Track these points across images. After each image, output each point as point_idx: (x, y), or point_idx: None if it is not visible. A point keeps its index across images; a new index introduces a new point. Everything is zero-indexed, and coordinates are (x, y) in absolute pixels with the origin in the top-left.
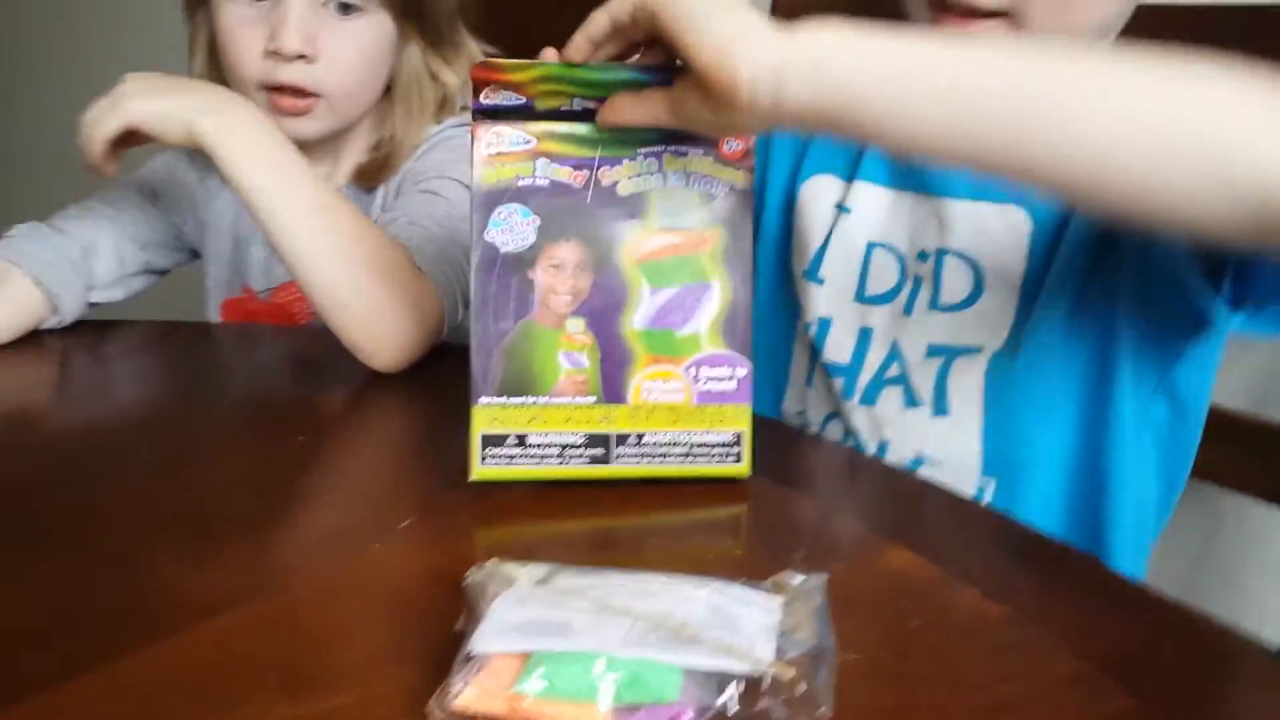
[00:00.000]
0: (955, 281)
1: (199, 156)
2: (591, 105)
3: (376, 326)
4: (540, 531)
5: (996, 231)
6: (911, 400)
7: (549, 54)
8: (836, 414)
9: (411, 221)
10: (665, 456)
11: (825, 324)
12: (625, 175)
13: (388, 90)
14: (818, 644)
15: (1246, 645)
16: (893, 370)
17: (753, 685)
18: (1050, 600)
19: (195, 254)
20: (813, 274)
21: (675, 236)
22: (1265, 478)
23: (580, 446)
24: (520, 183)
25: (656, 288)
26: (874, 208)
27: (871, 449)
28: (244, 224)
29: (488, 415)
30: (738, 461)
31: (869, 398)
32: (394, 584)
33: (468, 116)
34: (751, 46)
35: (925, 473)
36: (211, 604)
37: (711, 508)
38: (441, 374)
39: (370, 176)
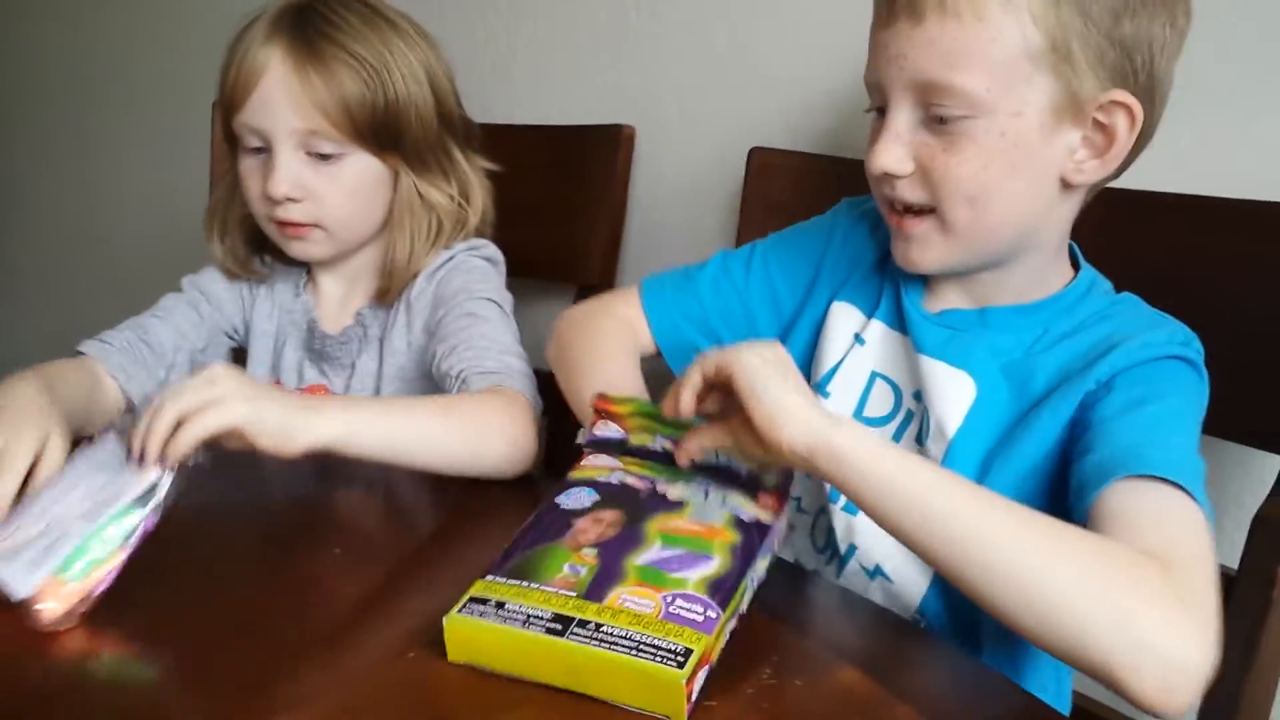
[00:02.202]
0: (931, 424)
1: (234, 263)
2: (670, 444)
3: (512, 439)
4: None
5: (945, 389)
6: None
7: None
8: (824, 510)
9: (469, 346)
10: (614, 645)
11: None
12: (677, 488)
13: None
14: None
15: None
16: None
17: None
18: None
19: (239, 350)
20: (821, 387)
21: (698, 527)
22: None
23: (543, 619)
24: (597, 479)
25: (666, 545)
26: (881, 344)
27: (842, 550)
28: (282, 329)
29: (485, 586)
30: (680, 667)
31: (851, 508)
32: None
33: (475, 241)
34: (795, 422)
35: (879, 584)
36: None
37: None
38: (463, 497)
39: (383, 295)
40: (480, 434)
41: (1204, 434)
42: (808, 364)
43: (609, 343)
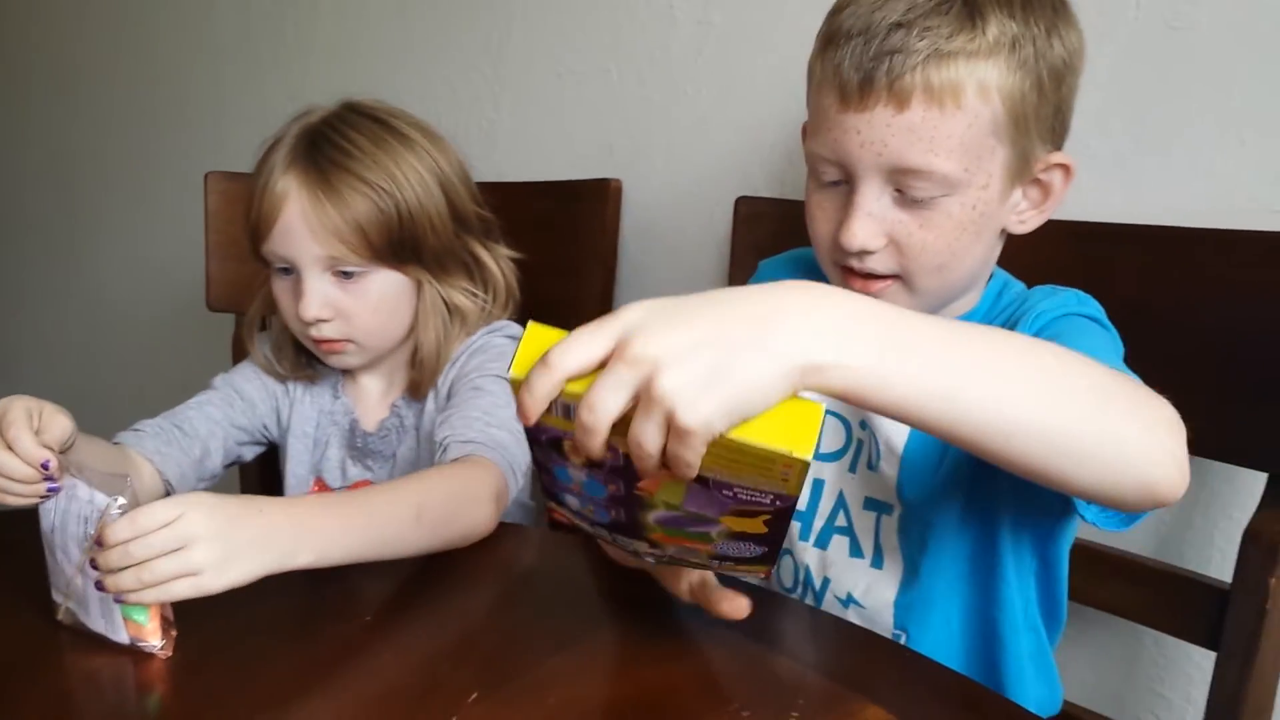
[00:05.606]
0: (880, 446)
1: (282, 366)
2: None
3: (472, 523)
4: (582, 694)
5: None
6: (856, 551)
7: None
8: (789, 551)
9: (462, 416)
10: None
11: None
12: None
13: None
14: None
15: None
16: (840, 520)
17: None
18: None
19: (270, 446)
20: None
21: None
22: (1168, 614)
23: None
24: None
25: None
26: None
27: (817, 584)
28: (323, 430)
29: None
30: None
31: (821, 542)
32: None
33: (496, 324)
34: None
35: (854, 611)
36: None
37: (711, 668)
38: (498, 555)
39: (415, 389)
40: (447, 527)
41: (1193, 455)
42: None
43: None
